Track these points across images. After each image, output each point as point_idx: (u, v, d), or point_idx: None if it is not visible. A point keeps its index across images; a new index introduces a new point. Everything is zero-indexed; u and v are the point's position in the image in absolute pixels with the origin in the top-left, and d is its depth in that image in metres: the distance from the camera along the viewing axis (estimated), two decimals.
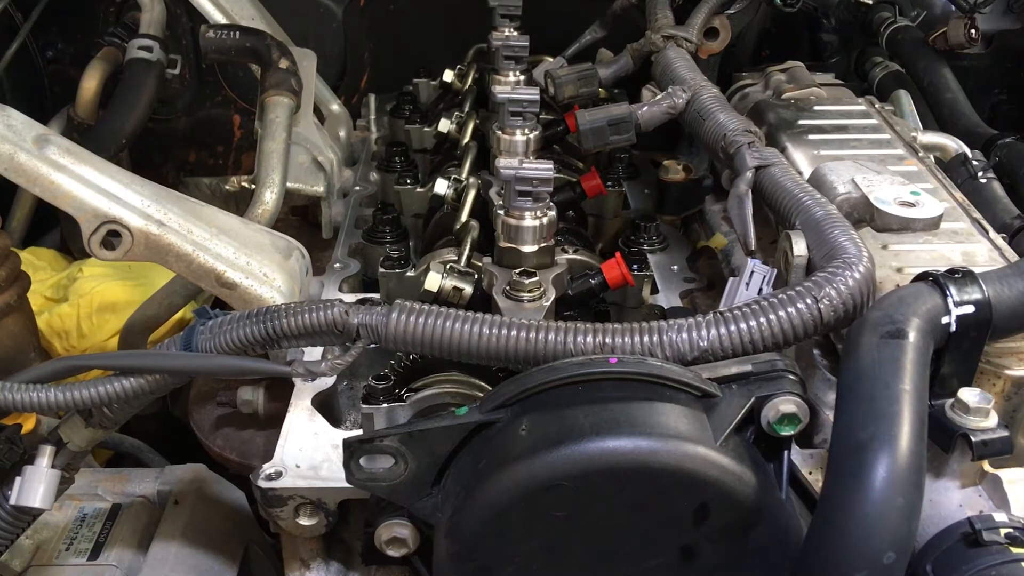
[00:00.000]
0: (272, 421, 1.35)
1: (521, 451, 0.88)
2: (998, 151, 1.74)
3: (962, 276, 0.95)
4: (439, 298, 1.39)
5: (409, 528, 1.00)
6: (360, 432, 1.04)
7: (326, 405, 1.30)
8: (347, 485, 0.98)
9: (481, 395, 1.21)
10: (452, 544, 0.91)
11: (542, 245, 1.36)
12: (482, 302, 1.37)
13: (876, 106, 1.67)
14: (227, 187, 1.97)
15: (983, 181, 1.56)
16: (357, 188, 1.98)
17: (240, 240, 1.35)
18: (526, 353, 1.00)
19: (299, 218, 2.08)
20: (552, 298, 1.30)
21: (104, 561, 1.30)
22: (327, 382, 1.31)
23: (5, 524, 1.12)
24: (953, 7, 2.06)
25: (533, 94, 1.51)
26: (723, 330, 0.97)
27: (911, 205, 1.20)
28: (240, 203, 1.82)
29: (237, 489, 1.48)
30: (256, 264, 1.34)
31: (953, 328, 0.93)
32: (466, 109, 2.04)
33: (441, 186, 1.71)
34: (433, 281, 1.40)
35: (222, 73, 2.40)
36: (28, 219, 2.18)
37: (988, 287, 0.94)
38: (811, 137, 1.49)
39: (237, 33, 1.88)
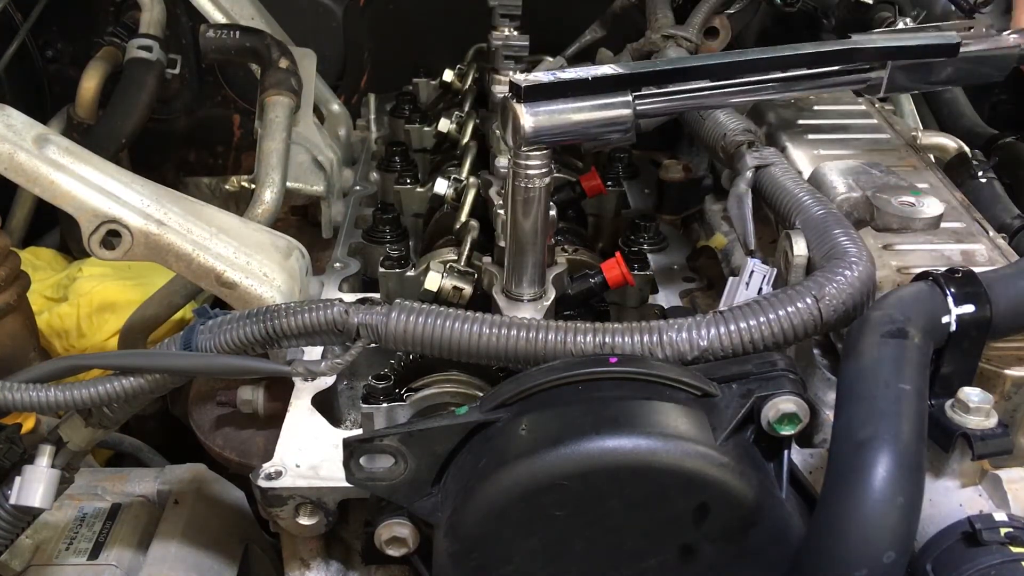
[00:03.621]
0: (272, 421, 1.35)
1: (521, 450, 0.88)
2: (998, 151, 1.74)
3: (962, 276, 0.95)
4: (439, 298, 1.40)
5: (409, 528, 1.00)
6: (360, 432, 1.05)
7: (326, 405, 1.30)
8: (347, 485, 0.98)
9: (481, 395, 1.21)
10: (452, 543, 0.91)
11: None
12: (482, 302, 1.37)
13: (876, 106, 1.67)
14: (227, 187, 1.97)
15: (983, 181, 1.56)
16: (357, 188, 1.98)
17: (240, 240, 1.35)
18: (526, 353, 1.00)
19: (299, 218, 2.07)
20: (552, 298, 1.30)
21: (104, 561, 1.30)
22: (327, 382, 1.31)
23: (5, 524, 1.12)
24: (953, 7, 2.06)
25: None
26: (723, 329, 0.97)
27: (911, 205, 1.20)
28: (240, 203, 1.82)
29: (237, 489, 1.48)
30: (256, 264, 1.34)
31: (953, 328, 0.93)
32: (466, 109, 2.04)
33: (441, 186, 1.71)
34: (433, 281, 1.40)
35: (222, 73, 2.40)
36: (28, 219, 2.18)
37: (988, 287, 0.94)
38: (811, 137, 1.49)
39: (237, 33, 1.88)
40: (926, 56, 1.30)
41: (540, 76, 1.03)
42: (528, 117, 1.02)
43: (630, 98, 1.11)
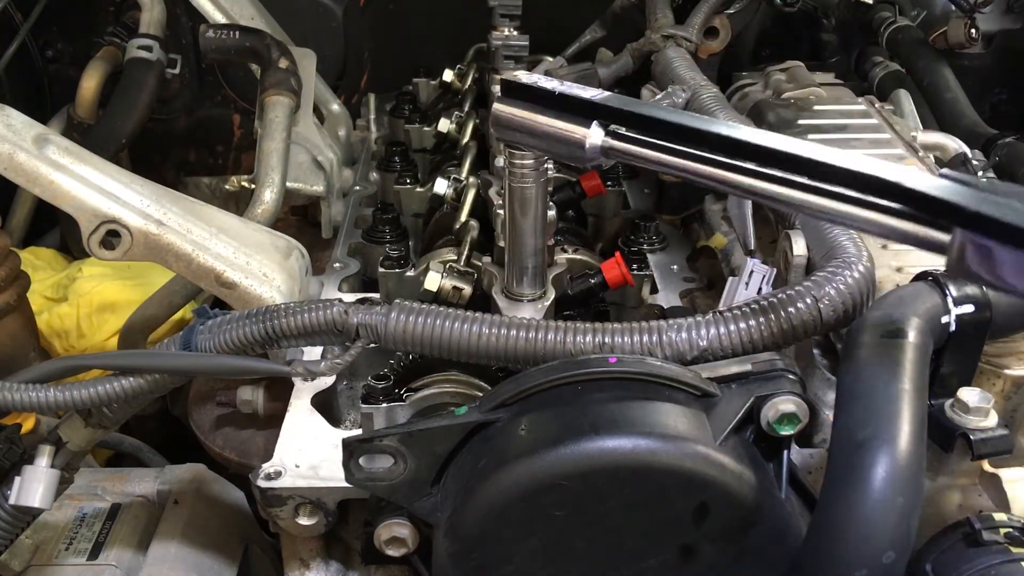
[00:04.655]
0: (272, 421, 1.35)
1: (520, 450, 0.88)
2: (998, 151, 1.73)
3: None
4: (439, 298, 1.40)
5: (409, 528, 1.00)
6: (360, 432, 1.04)
7: (326, 405, 1.30)
8: (347, 485, 0.98)
9: (480, 395, 1.21)
10: (452, 543, 0.91)
11: None
12: (482, 302, 1.37)
13: (876, 106, 1.67)
14: (227, 187, 1.98)
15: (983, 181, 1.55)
16: (357, 188, 1.98)
17: (240, 240, 1.35)
18: (526, 353, 1.00)
19: (299, 218, 2.08)
20: (552, 298, 1.30)
21: (104, 561, 1.30)
22: (327, 382, 1.31)
23: (5, 524, 1.12)
24: (953, 7, 2.07)
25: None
26: (722, 329, 0.97)
27: None
28: (240, 203, 1.83)
29: (237, 489, 1.48)
30: (256, 264, 1.34)
31: (953, 327, 0.93)
32: (466, 109, 2.04)
33: (441, 186, 1.71)
34: (433, 281, 1.40)
35: (222, 73, 2.40)
36: (28, 219, 2.18)
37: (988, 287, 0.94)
38: (811, 137, 1.49)
39: (237, 33, 1.88)
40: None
41: (522, 75, 1.02)
42: (496, 110, 1.02)
43: (589, 128, 0.96)
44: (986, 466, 0.97)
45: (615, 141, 0.94)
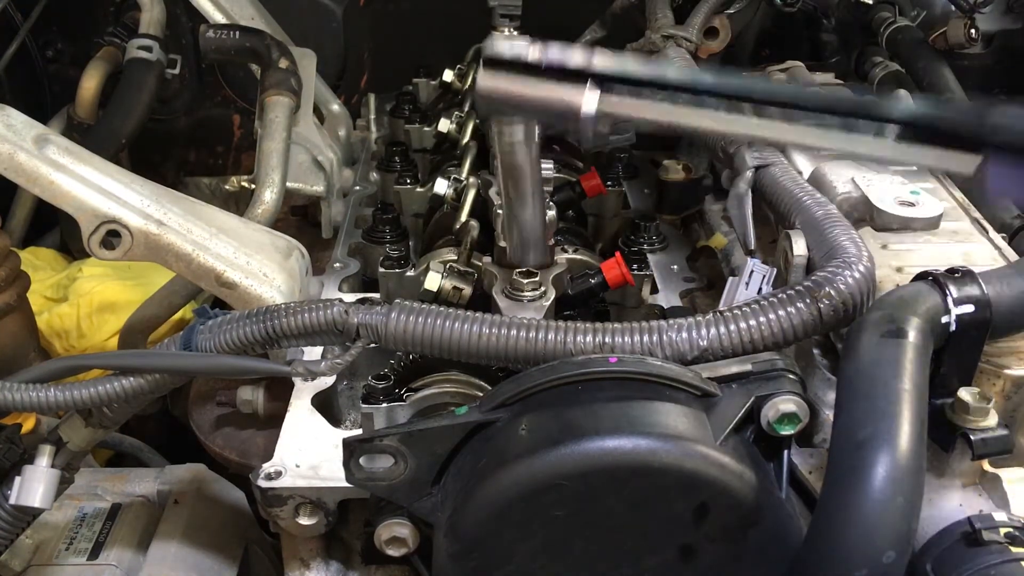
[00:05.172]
0: (272, 421, 1.35)
1: (521, 450, 0.88)
2: None
3: (962, 275, 0.95)
4: (439, 298, 1.40)
5: (409, 528, 1.00)
6: (360, 432, 1.05)
7: (326, 405, 1.30)
8: (347, 485, 0.98)
9: (481, 395, 1.21)
10: (452, 543, 0.91)
11: None
12: (482, 302, 1.37)
13: None
14: (227, 187, 1.97)
15: None
16: (357, 188, 1.98)
17: (240, 240, 1.35)
18: (526, 353, 1.00)
19: (299, 218, 2.08)
20: (552, 298, 1.30)
21: (104, 561, 1.30)
22: (327, 382, 1.31)
23: (5, 524, 1.12)
24: (953, 7, 2.06)
25: None
26: (723, 329, 0.97)
27: (911, 205, 1.20)
28: (240, 203, 1.83)
29: (237, 489, 1.48)
30: (256, 264, 1.34)
31: (953, 327, 0.93)
32: (466, 109, 2.04)
33: (441, 186, 1.71)
34: (433, 281, 1.40)
35: (222, 73, 2.40)
36: (28, 219, 2.18)
37: (988, 286, 0.94)
38: None
39: (237, 33, 1.88)
40: None
41: (503, 46, 1.00)
42: (482, 84, 1.01)
43: (582, 90, 0.97)
44: (986, 466, 0.97)
45: (612, 96, 0.92)
